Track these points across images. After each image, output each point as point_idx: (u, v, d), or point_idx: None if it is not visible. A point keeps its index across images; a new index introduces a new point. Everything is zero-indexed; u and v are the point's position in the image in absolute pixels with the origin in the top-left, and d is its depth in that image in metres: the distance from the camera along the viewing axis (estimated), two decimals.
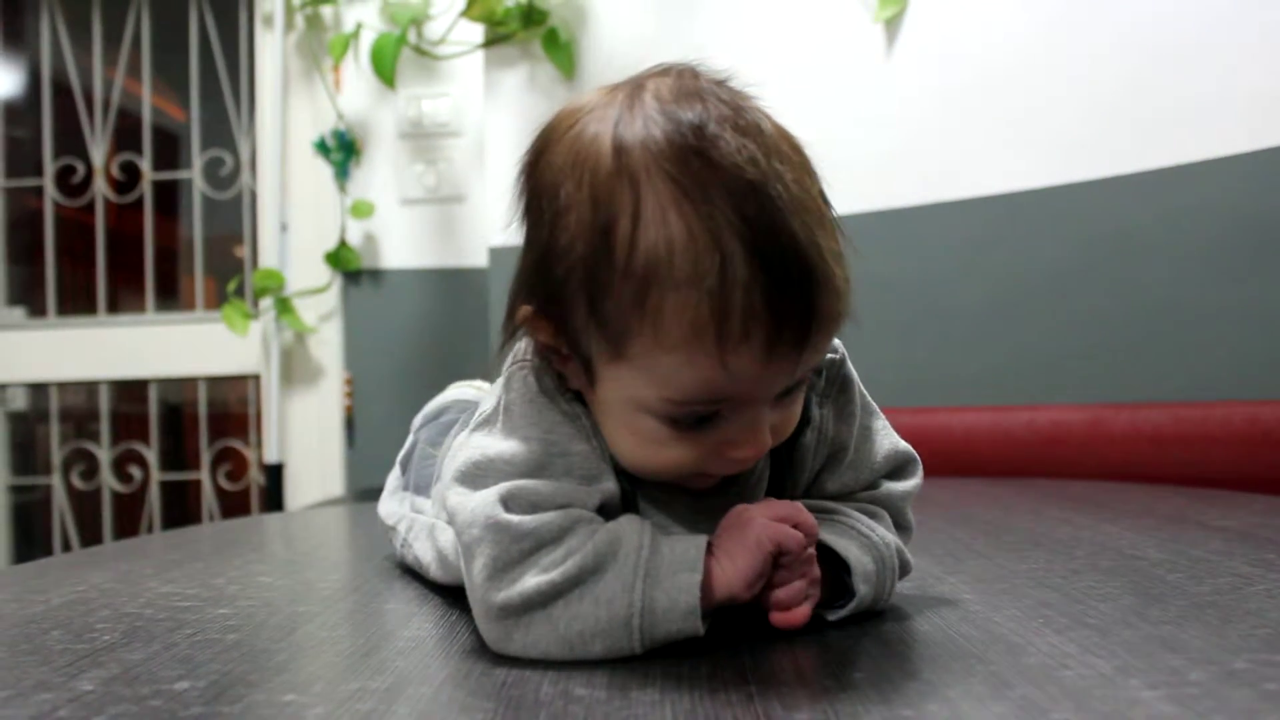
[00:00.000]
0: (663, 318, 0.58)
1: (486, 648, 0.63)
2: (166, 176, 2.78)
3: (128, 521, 2.76)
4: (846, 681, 0.55)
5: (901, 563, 0.71)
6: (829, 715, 0.49)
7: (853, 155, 1.91)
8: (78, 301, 2.79)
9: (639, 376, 0.61)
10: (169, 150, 2.81)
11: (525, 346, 0.69)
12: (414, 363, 2.58)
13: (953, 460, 1.80)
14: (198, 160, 2.74)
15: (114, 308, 2.76)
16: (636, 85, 0.63)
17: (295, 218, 2.61)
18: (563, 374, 0.67)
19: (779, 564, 0.63)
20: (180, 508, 2.80)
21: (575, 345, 0.63)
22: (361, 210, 2.53)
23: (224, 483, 2.73)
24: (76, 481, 2.76)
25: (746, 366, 0.59)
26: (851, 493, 0.74)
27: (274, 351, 2.57)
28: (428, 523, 0.87)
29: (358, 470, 2.57)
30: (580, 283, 0.61)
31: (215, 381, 2.74)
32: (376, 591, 0.87)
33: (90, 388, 2.77)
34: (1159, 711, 0.47)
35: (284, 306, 2.51)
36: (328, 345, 2.61)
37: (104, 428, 2.74)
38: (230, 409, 2.78)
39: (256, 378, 2.65)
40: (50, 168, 2.77)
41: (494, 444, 0.65)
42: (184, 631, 0.70)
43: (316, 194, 2.59)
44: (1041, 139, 1.88)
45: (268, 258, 2.59)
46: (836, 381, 0.73)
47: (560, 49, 2.24)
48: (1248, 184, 1.67)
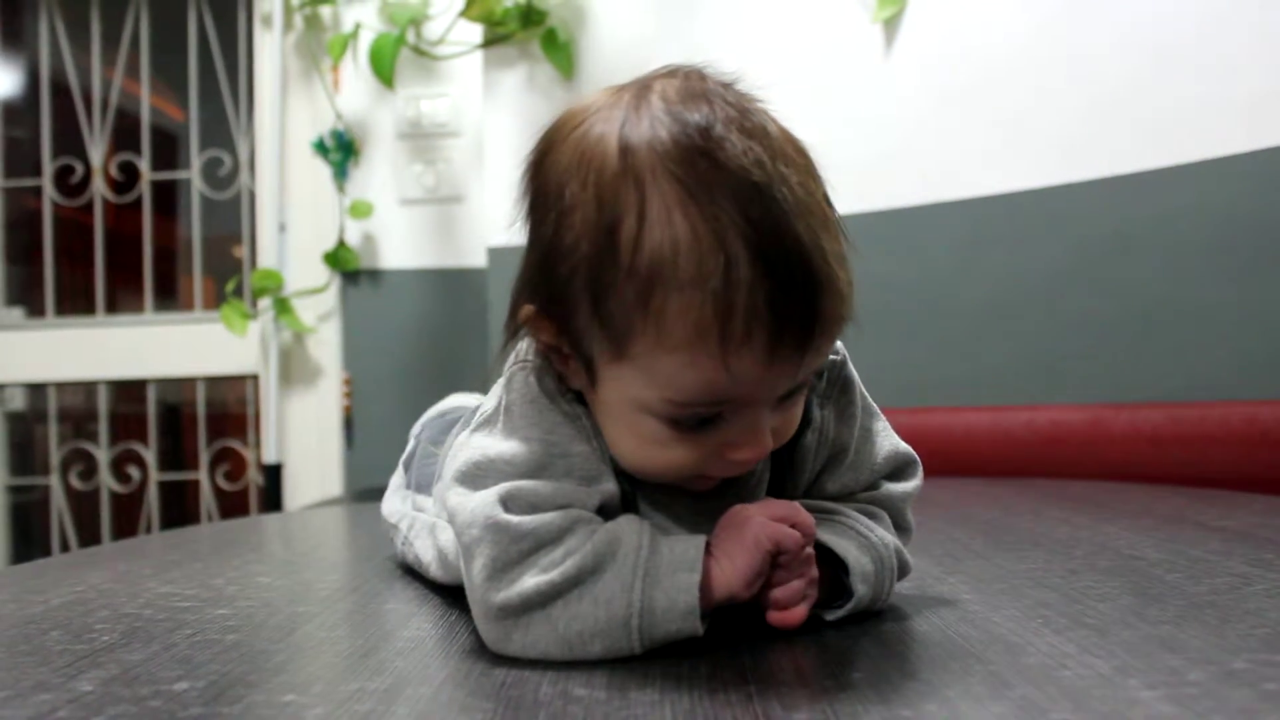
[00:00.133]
0: (666, 318, 0.58)
1: (486, 648, 0.63)
2: (165, 176, 2.78)
3: (126, 522, 2.75)
4: (845, 681, 0.55)
5: (900, 563, 0.71)
6: (828, 715, 0.49)
7: (851, 155, 1.91)
8: (76, 302, 2.78)
9: (641, 377, 0.61)
10: (167, 150, 2.81)
11: (527, 347, 0.69)
12: (413, 363, 2.58)
13: (952, 460, 1.80)
14: (196, 160, 2.74)
15: (112, 308, 2.76)
16: (643, 86, 0.63)
17: (294, 218, 2.61)
18: (563, 374, 0.67)
19: (777, 563, 0.63)
20: (179, 508, 2.80)
21: (577, 345, 0.63)
22: (360, 210, 2.53)
23: (222, 483, 2.73)
24: (75, 482, 2.76)
25: (749, 368, 0.59)
26: (851, 494, 0.74)
27: (273, 352, 2.56)
28: (428, 521, 0.87)
29: (356, 470, 2.57)
30: (584, 282, 0.61)
31: (214, 381, 2.74)
32: (376, 592, 0.87)
33: (89, 388, 2.76)
34: (1158, 711, 0.47)
35: (283, 307, 2.51)
36: (326, 345, 2.61)
37: (102, 428, 2.74)
38: (229, 409, 2.78)
39: (255, 378, 2.65)
40: (49, 168, 2.76)
41: (494, 444, 0.65)
42: (183, 632, 0.70)
43: (315, 194, 2.59)
44: (1040, 139, 1.88)
45: (266, 258, 2.59)
46: (837, 383, 0.73)
47: (559, 49, 2.24)
48: (1246, 184, 1.67)
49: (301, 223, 2.60)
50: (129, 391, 2.76)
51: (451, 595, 0.81)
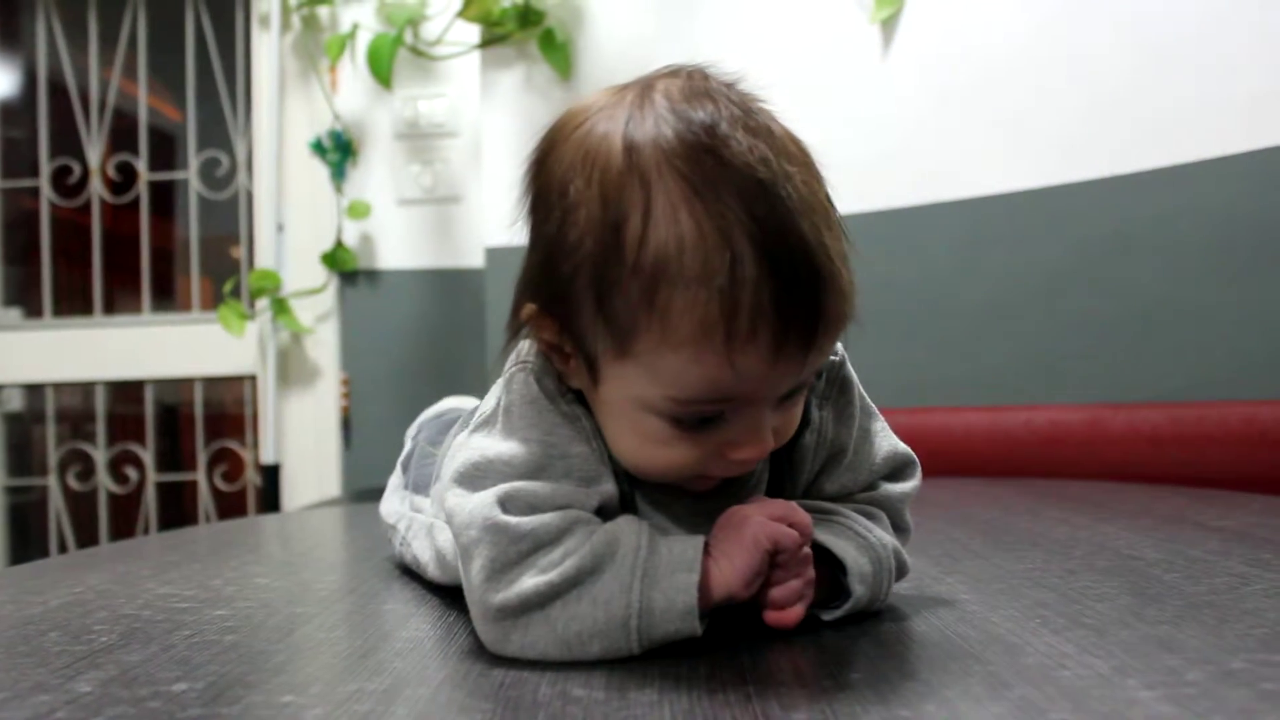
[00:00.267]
0: (671, 315, 0.58)
1: (484, 648, 0.63)
2: (163, 177, 2.78)
3: (124, 522, 2.75)
4: (844, 682, 0.55)
5: (899, 564, 0.71)
6: (827, 715, 0.49)
7: (849, 155, 1.90)
8: (74, 302, 2.78)
9: (644, 375, 0.61)
10: (165, 151, 2.81)
11: (527, 347, 0.69)
12: (411, 363, 2.58)
13: (950, 460, 1.80)
14: (194, 161, 2.74)
15: (110, 308, 2.76)
16: (646, 85, 0.63)
17: (291, 218, 2.61)
18: (564, 374, 0.67)
19: (776, 563, 0.63)
20: (176, 509, 2.79)
21: (580, 343, 0.63)
22: (358, 211, 2.53)
23: (220, 484, 2.73)
24: (72, 482, 2.76)
25: (753, 366, 0.59)
26: (850, 494, 0.74)
27: (270, 352, 2.56)
28: (426, 522, 0.87)
29: (354, 471, 2.57)
30: (588, 279, 0.61)
31: (211, 382, 2.74)
32: (374, 592, 0.87)
33: (86, 388, 2.76)
34: (1157, 711, 0.47)
35: (280, 307, 2.51)
36: (324, 346, 2.61)
37: (100, 428, 2.74)
38: (226, 410, 2.78)
39: (253, 378, 2.65)
40: (46, 168, 2.76)
41: (493, 445, 0.65)
42: (182, 633, 0.70)
43: (313, 194, 2.59)
44: (1038, 139, 1.88)
45: (264, 258, 2.59)
46: (836, 383, 0.73)
47: (557, 49, 2.24)
48: (1245, 184, 1.68)
49: (299, 223, 2.60)
50: (127, 392, 2.76)
51: (449, 596, 0.81)
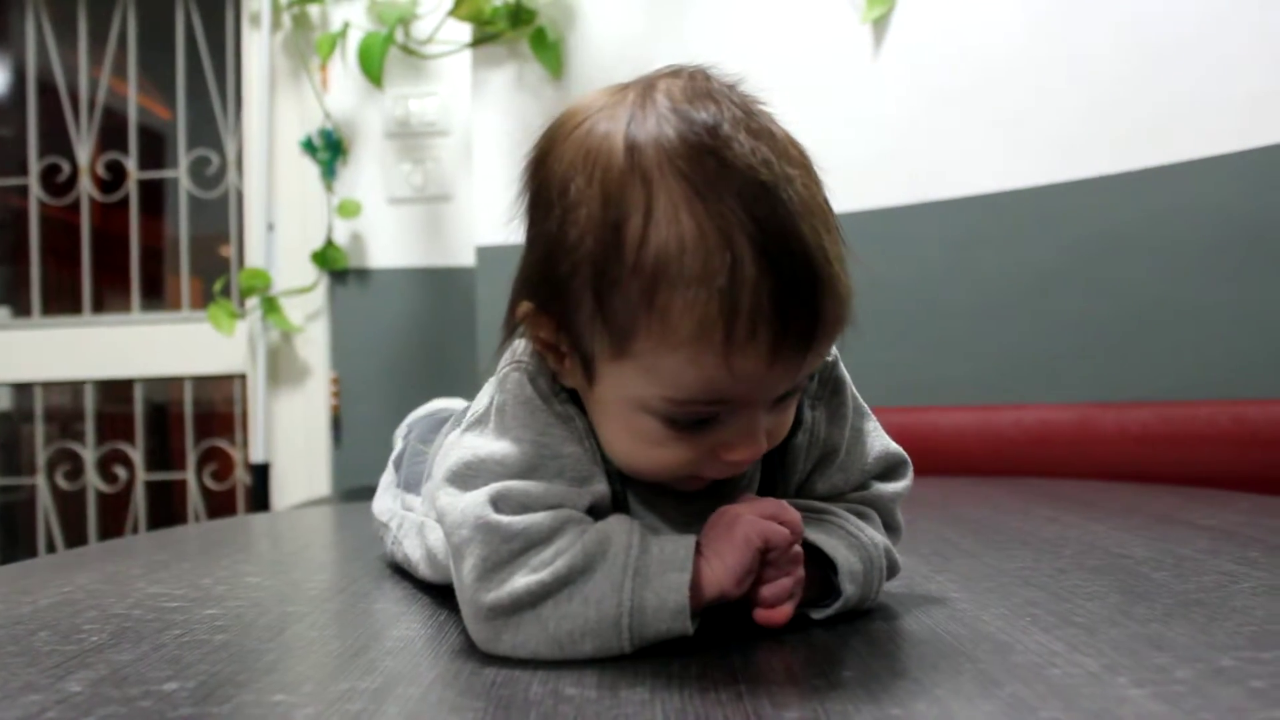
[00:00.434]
0: (670, 315, 0.58)
1: (475, 647, 0.63)
2: (152, 176, 2.77)
3: (113, 522, 2.74)
4: (835, 680, 0.55)
5: (889, 563, 0.71)
6: (818, 714, 0.49)
7: (840, 155, 1.89)
8: (63, 301, 2.77)
9: (641, 375, 0.61)
10: (155, 149, 2.80)
11: (522, 346, 0.69)
12: (401, 362, 2.57)
13: (940, 459, 1.80)
14: (184, 159, 2.73)
15: (99, 307, 2.75)
16: (647, 85, 0.63)
17: (282, 217, 2.60)
18: (558, 373, 0.67)
19: (766, 561, 0.63)
20: (165, 508, 2.79)
21: (577, 342, 0.63)
22: (348, 209, 2.52)
23: (209, 483, 2.72)
24: (61, 482, 2.75)
25: (751, 367, 0.59)
26: (841, 494, 0.74)
27: (260, 351, 2.56)
28: (417, 520, 0.87)
29: (344, 470, 2.56)
30: (587, 278, 0.61)
31: (201, 381, 2.73)
32: (365, 591, 0.87)
33: (75, 388, 2.75)
34: (1146, 709, 0.48)
35: (270, 306, 2.50)
36: (314, 345, 2.61)
37: (89, 428, 2.73)
38: (216, 408, 2.77)
39: (243, 377, 2.65)
40: (35, 167, 2.75)
41: (485, 444, 0.65)
42: (172, 632, 0.70)
43: (303, 193, 2.58)
44: (1029, 139, 1.89)
45: (254, 257, 2.58)
46: (829, 383, 0.73)
47: (548, 48, 2.24)
48: (1235, 184, 1.68)
49: (289, 222, 2.59)
50: (116, 391, 2.75)
51: (440, 595, 0.81)
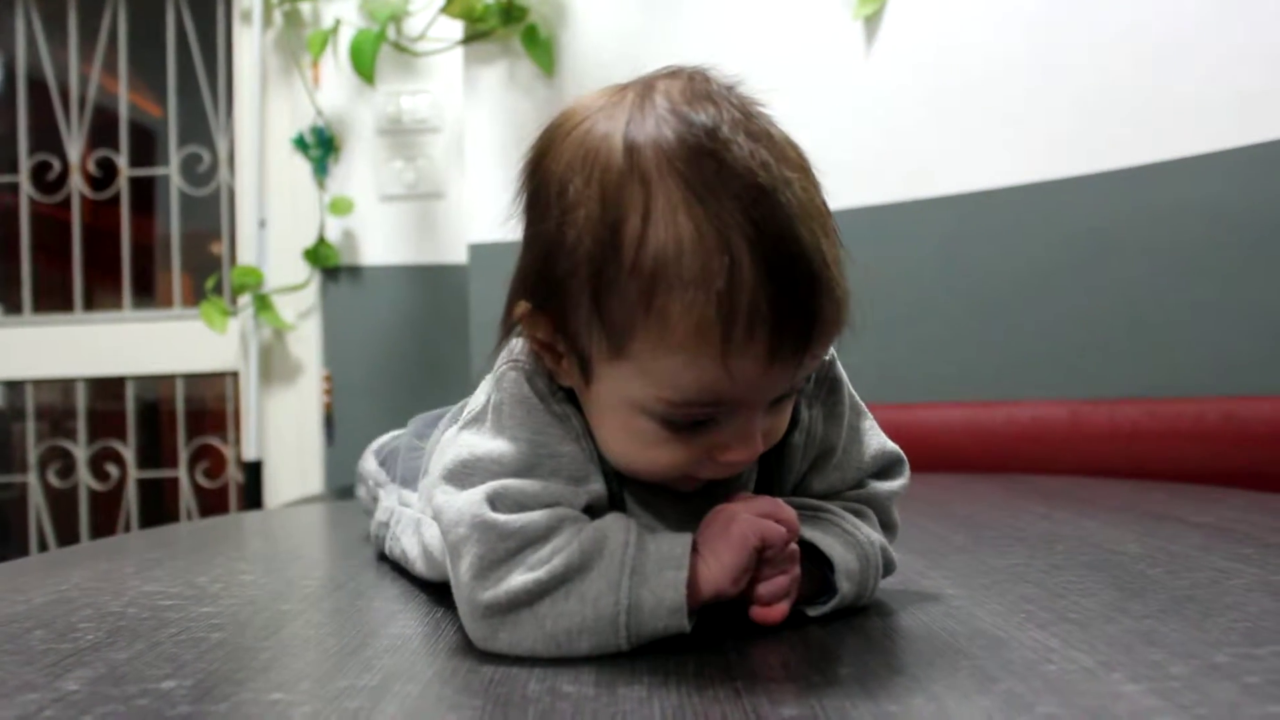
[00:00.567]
0: (668, 317, 0.58)
1: (472, 645, 0.63)
2: (143, 173, 2.77)
3: (105, 519, 2.74)
4: (832, 677, 0.56)
5: (885, 561, 0.72)
6: (816, 710, 0.50)
7: (832, 152, 1.89)
8: (54, 299, 2.76)
9: (638, 376, 0.61)
10: (146, 146, 2.80)
11: (519, 345, 0.69)
12: (393, 360, 2.57)
13: (932, 456, 1.81)
14: (175, 157, 2.72)
15: (90, 305, 2.75)
16: (646, 86, 0.63)
17: (274, 214, 2.60)
18: (555, 373, 0.67)
19: (763, 559, 0.64)
20: (157, 506, 2.78)
21: (574, 342, 0.63)
22: (340, 207, 2.52)
23: (202, 480, 2.72)
24: (53, 479, 2.74)
25: (748, 370, 0.59)
26: (838, 492, 0.74)
27: (252, 349, 2.55)
28: (414, 516, 0.87)
29: (336, 468, 2.56)
30: (585, 279, 0.61)
31: (193, 379, 2.72)
32: (360, 589, 0.87)
33: (66, 385, 2.75)
34: (1142, 705, 0.48)
35: (262, 303, 2.50)
36: (306, 342, 2.60)
37: (81, 425, 2.72)
38: (208, 406, 2.77)
39: (235, 375, 2.64)
40: (25, 164, 2.74)
41: (482, 443, 0.65)
42: (168, 630, 0.70)
43: (295, 190, 2.58)
44: (1021, 136, 1.89)
45: (246, 254, 2.58)
46: (826, 382, 0.73)
47: (540, 46, 2.24)
48: (1227, 181, 1.69)
49: (281, 219, 2.59)
50: (107, 389, 2.74)
51: (436, 592, 0.81)
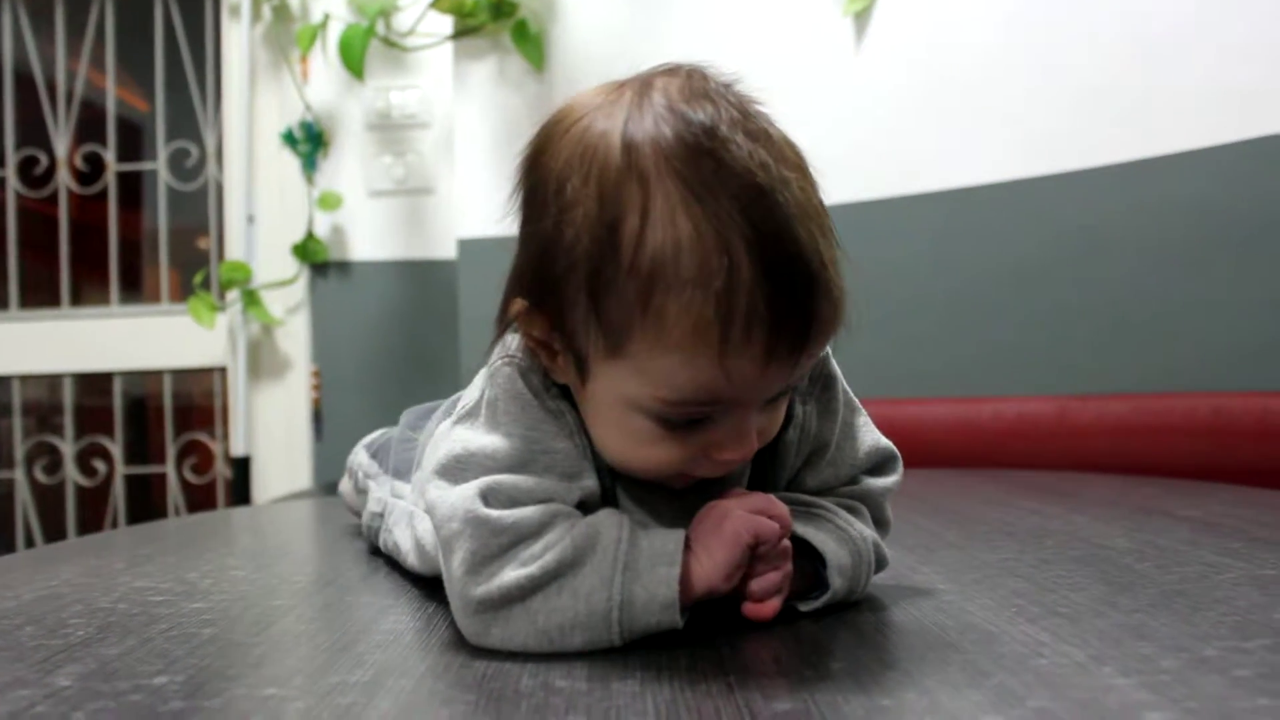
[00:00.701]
0: (665, 317, 0.58)
1: (465, 640, 0.63)
2: (131, 168, 2.76)
3: (92, 515, 2.73)
4: (825, 671, 0.56)
5: (878, 557, 0.72)
6: (809, 705, 0.50)
7: (821, 148, 1.90)
8: (41, 294, 2.76)
9: (635, 375, 0.61)
10: (133, 141, 2.79)
11: (513, 341, 0.69)
12: (382, 355, 2.57)
13: (921, 451, 1.81)
14: (162, 151, 2.72)
15: (77, 300, 2.74)
16: (644, 83, 0.63)
17: (262, 209, 2.59)
18: (550, 370, 0.67)
19: (756, 555, 0.64)
20: (145, 501, 2.77)
21: (570, 341, 0.63)
22: (329, 202, 2.52)
23: (189, 476, 2.71)
24: (40, 475, 2.73)
25: (745, 370, 0.59)
26: (832, 488, 0.74)
27: (241, 344, 2.55)
28: (407, 509, 0.87)
29: (325, 463, 2.56)
30: (582, 278, 0.60)
31: (181, 374, 2.72)
32: (350, 585, 0.87)
33: (53, 381, 2.74)
34: (1133, 699, 0.48)
35: (251, 299, 2.50)
36: (295, 337, 2.60)
37: (68, 421, 2.72)
38: (196, 402, 2.76)
39: (223, 370, 2.64)
40: (12, 159, 2.73)
41: (476, 438, 0.65)
42: (159, 626, 0.70)
43: (283, 186, 2.58)
44: (1010, 132, 1.90)
45: (234, 250, 2.57)
46: (820, 379, 0.73)
47: (530, 41, 2.24)
48: (1216, 178, 1.69)
49: (270, 214, 2.59)
50: (94, 384, 2.74)
51: (428, 587, 0.81)
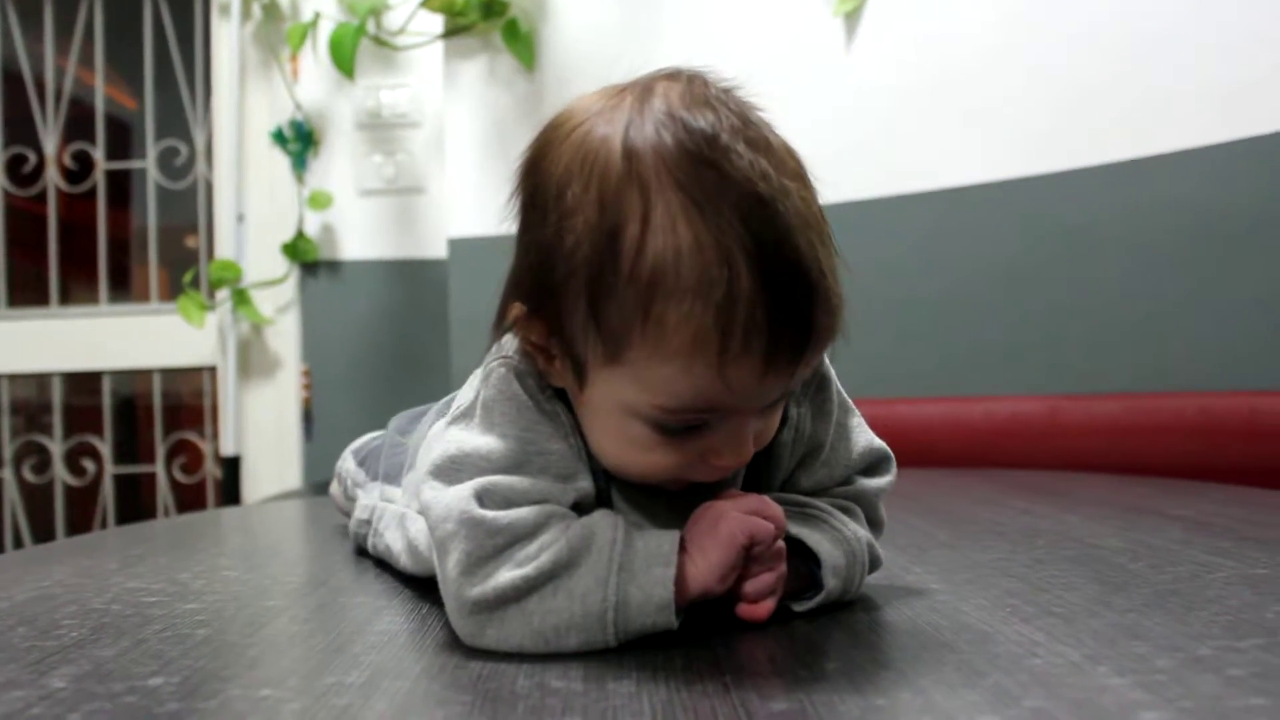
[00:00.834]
0: (665, 326, 0.58)
1: (460, 641, 0.63)
2: (120, 166, 2.75)
3: (80, 515, 2.72)
4: (819, 672, 0.56)
5: (872, 558, 0.72)
6: (805, 705, 0.50)
7: (812, 148, 1.91)
8: (29, 293, 2.75)
9: (633, 382, 0.61)
10: (122, 140, 2.78)
11: (509, 341, 0.69)
12: (372, 354, 2.56)
13: (912, 451, 1.81)
14: (152, 150, 2.71)
15: (66, 299, 2.73)
16: (645, 88, 0.63)
17: (252, 208, 2.59)
18: (547, 373, 0.67)
19: (750, 556, 0.64)
20: (134, 501, 2.77)
21: (569, 347, 0.63)
22: (319, 201, 2.51)
23: (179, 476, 2.70)
24: (28, 475, 2.72)
25: (744, 379, 0.59)
26: (826, 489, 0.74)
27: (230, 343, 2.54)
28: (398, 512, 0.87)
29: (315, 463, 2.56)
30: (582, 285, 0.60)
31: (170, 373, 2.71)
32: (343, 585, 0.87)
33: (42, 380, 2.73)
34: (1128, 698, 0.48)
35: (241, 298, 2.49)
36: (285, 337, 2.60)
37: (56, 420, 2.71)
38: (185, 401, 2.75)
39: (212, 369, 2.63)
40: (0, 157, 2.72)
41: (470, 439, 0.65)
42: (153, 627, 0.70)
43: (273, 184, 2.57)
44: (1000, 132, 1.90)
45: (224, 249, 2.57)
46: (814, 380, 0.73)
47: (520, 40, 2.23)
48: (1204, 178, 1.70)
49: (260, 213, 2.58)
50: (83, 383, 2.73)
51: (421, 588, 0.81)
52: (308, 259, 2.55)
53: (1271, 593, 0.69)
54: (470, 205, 2.25)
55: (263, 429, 2.60)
